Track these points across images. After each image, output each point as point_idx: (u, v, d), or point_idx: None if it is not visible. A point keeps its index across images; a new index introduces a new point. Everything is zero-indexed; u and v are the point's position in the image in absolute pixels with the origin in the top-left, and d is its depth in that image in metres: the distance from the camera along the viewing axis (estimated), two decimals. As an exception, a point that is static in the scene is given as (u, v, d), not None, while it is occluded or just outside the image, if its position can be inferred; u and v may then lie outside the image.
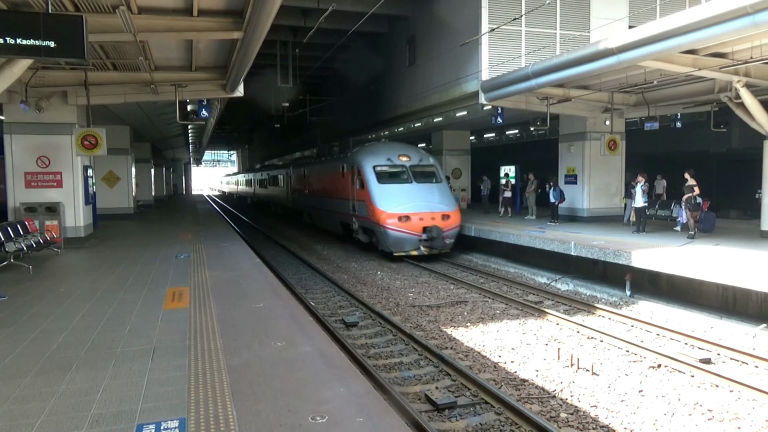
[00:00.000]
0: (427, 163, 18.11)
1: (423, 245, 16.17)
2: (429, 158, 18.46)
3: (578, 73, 13.04)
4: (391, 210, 16.15)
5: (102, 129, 14.06)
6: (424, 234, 16.04)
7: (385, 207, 16.29)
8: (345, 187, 19.18)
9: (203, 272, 10.62)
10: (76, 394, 4.80)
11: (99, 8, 9.56)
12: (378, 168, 17.45)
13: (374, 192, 16.78)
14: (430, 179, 17.66)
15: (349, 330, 9.69)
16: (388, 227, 16.08)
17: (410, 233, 16.06)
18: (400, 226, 16.02)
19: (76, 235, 14.90)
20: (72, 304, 8.18)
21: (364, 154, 18.37)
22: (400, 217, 16.02)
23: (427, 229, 16.08)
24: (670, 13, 10.86)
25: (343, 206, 19.51)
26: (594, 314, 10.51)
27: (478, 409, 6.38)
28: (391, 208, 16.21)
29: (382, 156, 17.83)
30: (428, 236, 15.99)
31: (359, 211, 17.85)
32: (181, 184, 67.66)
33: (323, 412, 4.37)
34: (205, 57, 13.51)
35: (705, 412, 6.26)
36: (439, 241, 16.05)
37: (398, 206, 16.24)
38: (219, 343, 6.17)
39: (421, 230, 16.07)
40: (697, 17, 9.57)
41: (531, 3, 17.25)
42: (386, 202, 16.42)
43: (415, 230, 16.08)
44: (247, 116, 46.80)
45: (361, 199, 17.47)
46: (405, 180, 17.33)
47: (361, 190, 17.39)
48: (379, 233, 16.59)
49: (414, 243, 16.16)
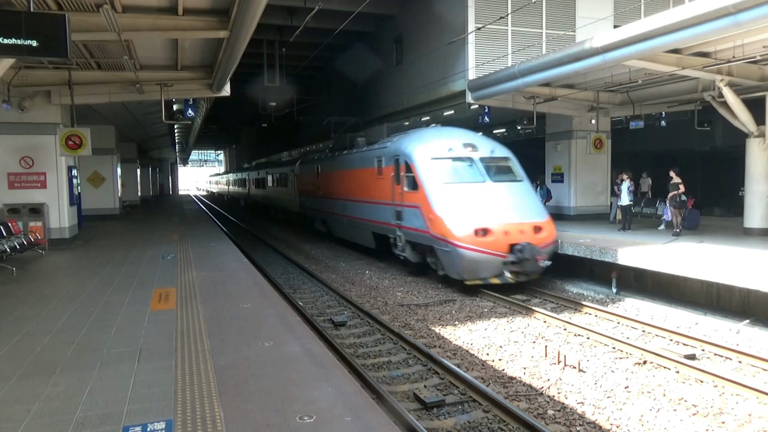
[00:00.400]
0: (502, 155, 13.73)
1: (509, 269, 11.67)
2: (503, 148, 14.04)
3: (564, 73, 13.15)
4: (465, 221, 11.77)
5: (86, 129, 13.92)
6: (511, 254, 11.59)
7: (454, 217, 11.93)
8: (383, 187, 14.96)
9: (190, 273, 10.56)
10: (61, 397, 4.75)
11: (82, 7, 9.46)
12: (438, 162, 13.05)
13: (436, 195, 12.44)
14: (508, 177, 13.34)
15: (337, 329, 9.68)
16: (459, 245, 11.54)
17: (491, 253, 11.53)
18: (478, 243, 11.50)
19: (61, 237, 14.75)
20: (57, 306, 8.10)
21: (414, 143, 13.81)
22: (478, 230, 11.60)
23: (516, 247, 11.56)
24: (654, 12, 10.98)
25: (380, 213, 15.23)
26: (581, 312, 10.59)
27: (466, 407, 6.41)
28: (463, 218, 11.85)
29: (441, 145, 13.39)
30: (517, 257, 11.51)
31: (408, 220, 13.47)
32: (167, 184, 67.14)
33: (311, 411, 4.36)
34: (190, 56, 13.42)
35: (690, 407, 6.33)
36: (532, 264, 11.57)
37: (473, 216, 11.86)
38: (206, 343, 6.14)
39: (507, 249, 11.58)
40: (681, 17, 9.68)
41: (517, 2, 17.33)
42: (455, 209, 12.07)
43: (498, 249, 11.54)
44: (234, 115, 46.57)
45: (413, 204, 13.17)
46: (476, 179, 12.85)
47: (413, 192, 13.17)
48: (444, 253, 12.07)
49: (495, 267, 11.66)
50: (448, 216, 12.00)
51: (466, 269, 11.74)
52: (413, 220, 13.18)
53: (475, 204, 12.18)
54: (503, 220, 11.88)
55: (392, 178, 14.28)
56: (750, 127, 13.46)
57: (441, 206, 12.22)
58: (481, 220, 11.78)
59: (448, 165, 13.05)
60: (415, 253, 13.89)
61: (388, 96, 24.26)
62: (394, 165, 14.16)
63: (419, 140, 13.92)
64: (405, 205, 13.60)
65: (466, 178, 12.88)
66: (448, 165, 13.05)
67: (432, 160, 13.07)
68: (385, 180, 14.83)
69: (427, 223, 12.53)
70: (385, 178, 14.78)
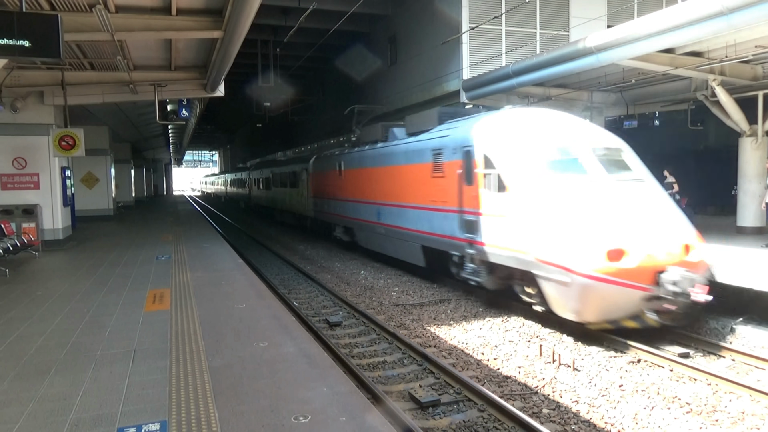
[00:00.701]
0: (614, 146, 9.93)
1: (653, 308, 8.04)
2: (612, 136, 10.40)
3: (558, 72, 13.20)
4: (590, 239, 8.19)
5: (80, 129, 13.88)
6: (658, 286, 7.98)
7: (573, 232, 8.35)
8: (442, 188, 11.57)
9: (184, 273, 10.53)
10: (55, 399, 4.74)
11: (75, 7, 9.43)
12: (537, 155, 9.39)
13: (540, 200, 8.92)
14: (630, 175, 9.49)
15: (332, 330, 9.67)
16: (584, 273, 8.01)
17: (629, 285, 7.95)
18: (610, 271, 7.95)
19: (54, 238, 14.69)
20: (50, 308, 8.06)
21: (498, 129, 10.23)
22: (612, 253, 8.04)
23: (665, 276, 7.99)
24: (647, 12, 11.03)
25: (437, 222, 11.82)
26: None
27: (461, 407, 6.42)
28: (587, 234, 8.24)
29: (538, 132, 9.89)
30: (668, 291, 7.91)
31: (487, 234, 9.97)
32: (161, 184, 66.99)
33: (306, 412, 4.36)
34: (184, 56, 13.39)
35: (683, 405, 6.36)
36: (685, 300, 7.90)
37: (601, 231, 8.25)
38: (201, 344, 6.12)
39: (652, 279, 8.01)
40: (674, 17, 9.73)
41: (511, 2, 17.39)
42: (573, 221, 8.47)
43: (638, 279, 7.99)
44: (229, 116, 46.53)
45: (496, 211, 9.70)
46: (594, 178, 9.06)
47: (497, 195, 9.65)
48: (555, 285, 8.50)
49: (633, 305, 8.06)
50: (563, 231, 8.41)
51: (590, 308, 8.10)
52: (496, 234, 9.66)
53: (599, 213, 8.50)
54: (643, 237, 8.24)
55: (459, 176, 10.84)
56: (742, 126, 13.54)
57: (550, 216, 8.65)
58: (613, 236, 8.14)
59: (551, 158, 9.27)
60: (495, 278, 10.25)
61: (383, 96, 24.28)
62: (463, 159, 10.67)
63: (505, 125, 10.16)
64: (482, 213, 10.07)
65: (579, 176, 9.04)
66: (551, 158, 9.27)
67: (528, 152, 9.39)
68: (447, 179, 11.36)
69: (522, 239, 8.99)
70: (448, 176, 11.30)
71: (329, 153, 20.72)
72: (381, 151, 15.10)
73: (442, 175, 11.63)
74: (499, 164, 9.72)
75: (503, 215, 9.58)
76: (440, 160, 11.72)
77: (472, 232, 10.52)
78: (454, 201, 11.20)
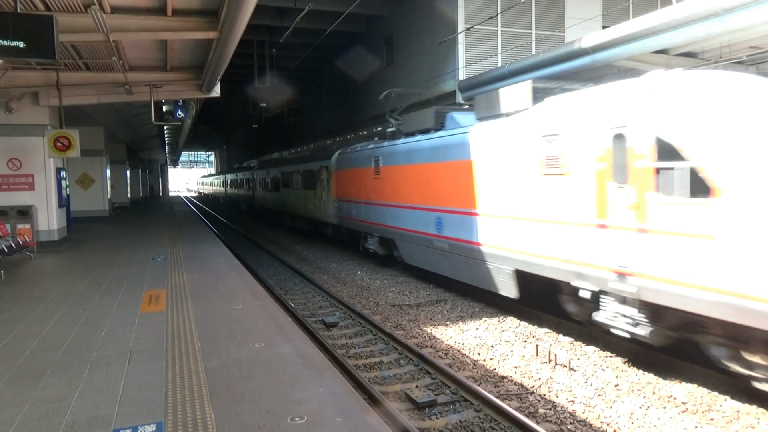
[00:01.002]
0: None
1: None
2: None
3: (554, 73, 13.22)
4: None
5: (75, 130, 13.85)
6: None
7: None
8: (565, 192, 8.24)
9: (181, 274, 10.51)
10: (51, 400, 4.72)
11: (70, 8, 9.41)
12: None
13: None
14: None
15: (329, 330, 9.67)
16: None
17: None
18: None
19: (50, 239, 14.64)
20: (46, 309, 8.04)
21: (686, 95, 6.57)
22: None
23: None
24: (642, 13, 11.09)
25: (545, 240, 8.65)
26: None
27: (457, 407, 6.43)
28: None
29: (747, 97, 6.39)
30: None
31: (662, 264, 6.67)
32: (157, 185, 66.86)
33: (302, 412, 4.36)
34: (180, 57, 13.37)
35: (679, 404, 6.39)
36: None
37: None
38: (197, 345, 6.12)
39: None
40: (669, 18, 9.77)
41: (506, 2, 17.42)
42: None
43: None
44: (226, 116, 46.49)
45: (682, 228, 6.40)
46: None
47: (689, 201, 6.31)
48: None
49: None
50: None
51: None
52: (683, 265, 6.35)
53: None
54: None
55: (599, 173, 7.57)
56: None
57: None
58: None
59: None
60: (666, 329, 7.06)
61: (379, 96, 24.26)
62: (613, 147, 7.31)
63: (703, 90, 6.51)
64: (649, 229, 6.80)
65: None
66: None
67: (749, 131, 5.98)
68: (571, 178, 8.09)
69: (749, 275, 5.67)
70: (574, 173, 8.02)
71: (359, 147, 16.93)
72: (442, 141, 11.67)
73: (562, 172, 8.27)
74: (700, 152, 6.17)
75: (704, 234, 6.11)
76: (556, 152, 8.36)
77: (626, 257, 7.15)
78: (584, 209, 7.86)
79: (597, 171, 7.65)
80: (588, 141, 7.77)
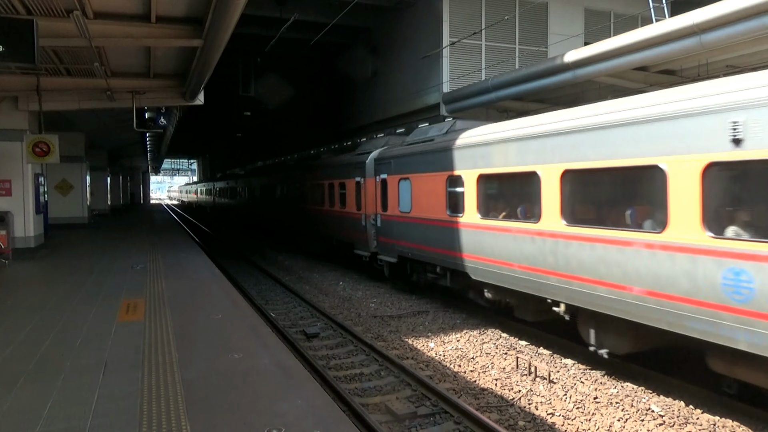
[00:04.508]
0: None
1: None
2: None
3: (536, 87, 13.41)
4: None
5: (55, 136, 13.66)
6: None
7: None
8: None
9: (160, 283, 10.38)
10: (22, 411, 4.61)
11: (52, 12, 9.29)
12: None
13: None
14: None
15: (310, 341, 9.60)
16: None
17: None
18: None
19: (26, 246, 14.38)
20: (20, 317, 7.87)
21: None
22: None
23: None
24: (623, 30, 11.30)
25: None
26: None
27: (437, 419, 6.41)
28: None
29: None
30: None
31: None
32: (138, 193, 66.07)
33: (280, 424, 4.31)
34: (164, 64, 13.29)
35: (656, 417, 6.43)
36: None
37: None
38: (174, 355, 6.02)
39: None
40: (648, 35, 9.98)
41: (491, 18, 17.64)
42: None
43: None
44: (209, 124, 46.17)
45: None
46: None
47: None
48: None
49: None
50: None
51: None
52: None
53: None
54: None
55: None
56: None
57: None
58: None
59: None
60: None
61: (363, 107, 24.35)
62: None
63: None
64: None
65: None
66: None
67: None
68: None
69: None
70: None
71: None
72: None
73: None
74: None
75: None
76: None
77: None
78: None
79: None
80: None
